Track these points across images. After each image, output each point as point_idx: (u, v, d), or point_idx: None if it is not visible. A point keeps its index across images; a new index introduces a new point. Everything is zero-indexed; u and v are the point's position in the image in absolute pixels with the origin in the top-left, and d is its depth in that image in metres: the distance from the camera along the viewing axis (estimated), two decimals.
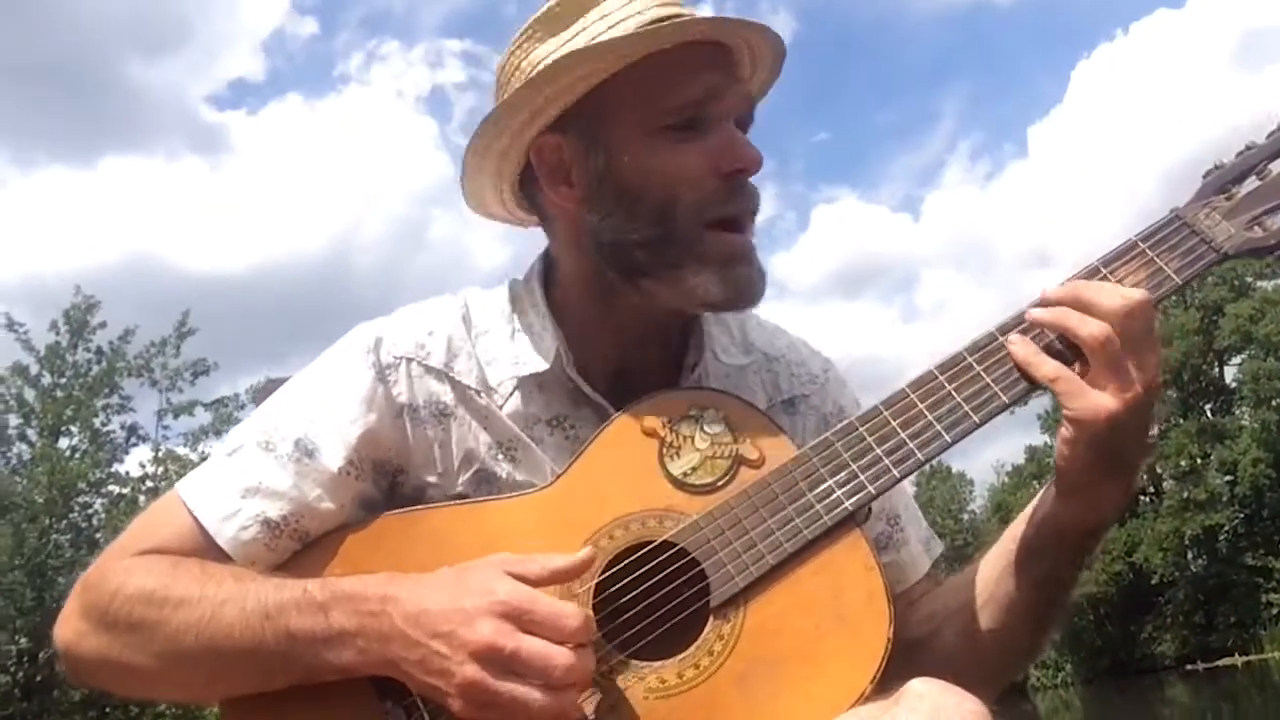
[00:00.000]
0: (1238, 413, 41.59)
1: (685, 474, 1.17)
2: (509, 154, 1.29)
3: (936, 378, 1.19)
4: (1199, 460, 39.88)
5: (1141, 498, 44.18)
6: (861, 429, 1.18)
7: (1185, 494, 39.35)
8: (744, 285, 1.23)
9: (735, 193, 1.22)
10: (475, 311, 1.33)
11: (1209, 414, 41.83)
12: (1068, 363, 1.14)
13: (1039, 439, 47.29)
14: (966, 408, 1.17)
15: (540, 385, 1.28)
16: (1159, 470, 41.90)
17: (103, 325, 17.27)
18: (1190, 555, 41.94)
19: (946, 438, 1.17)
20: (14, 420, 16.56)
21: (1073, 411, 1.11)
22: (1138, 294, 1.13)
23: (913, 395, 1.19)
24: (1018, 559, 1.24)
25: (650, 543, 1.14)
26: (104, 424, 16.98)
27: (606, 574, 1.12)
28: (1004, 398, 1.17)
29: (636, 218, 1.22)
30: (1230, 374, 42.94)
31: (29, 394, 16.58)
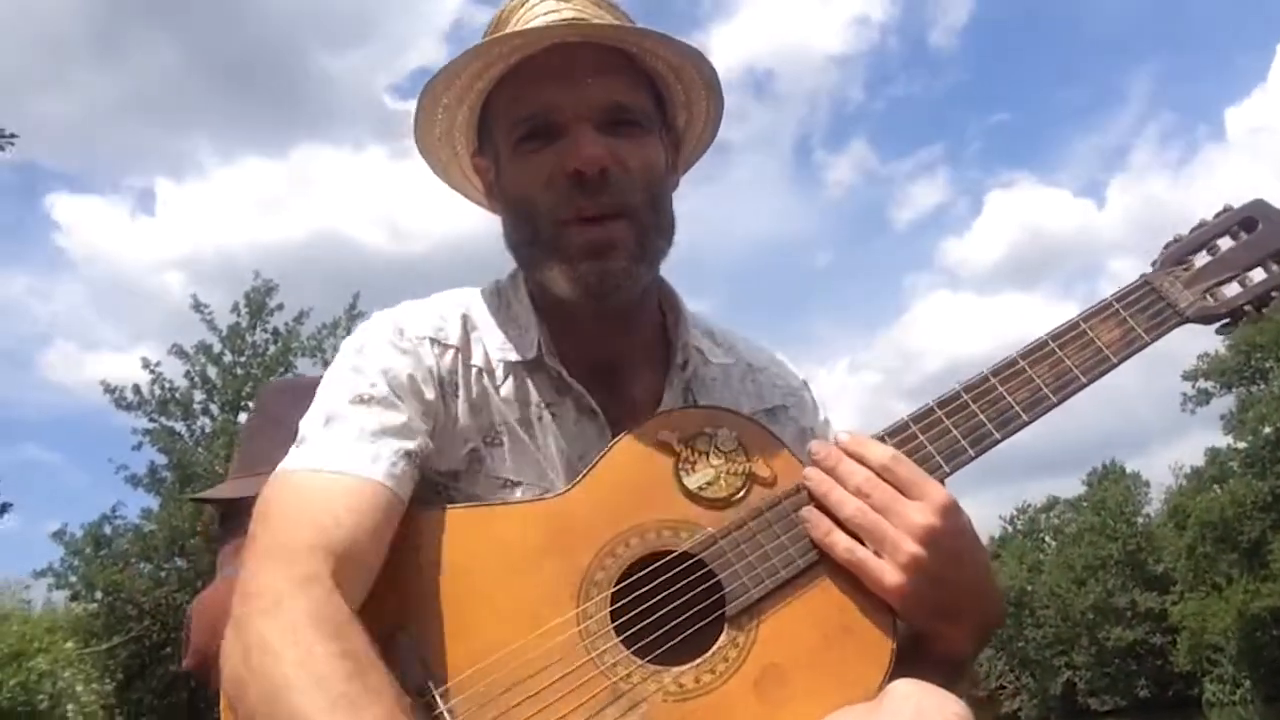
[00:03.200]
0: None
1: (701, 488, 1.22)
2: (469, 176, 1.44)
3: (936, 412, 1.28)
4: None
5: None
6: None
7: None
8: (593, 280, 1.26)
9: (587, 192, 1.25)
10: (471, 306, 1.39)
11: None
12: None
13: (1222, 440, 44.65)
14: (960, 439, 1.26)
15: (529, 372, 1.33)
16: None
17: (280, 307, 18.27)
18: None
19: (946, 468, 1.25)
20: (199, 395, 17.72)
21: (871, 589, 1.17)
22: (878, 456, 1.20)
23: (914, 427, 1.26)
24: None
25: (667, 553, 1.18)
26: None
27: (623, 582, 1.16)
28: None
29: (515, 223, 1.32)
30: None
31: (212, 371, 17.72)
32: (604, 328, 1.35)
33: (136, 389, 17.29)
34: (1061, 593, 49.53)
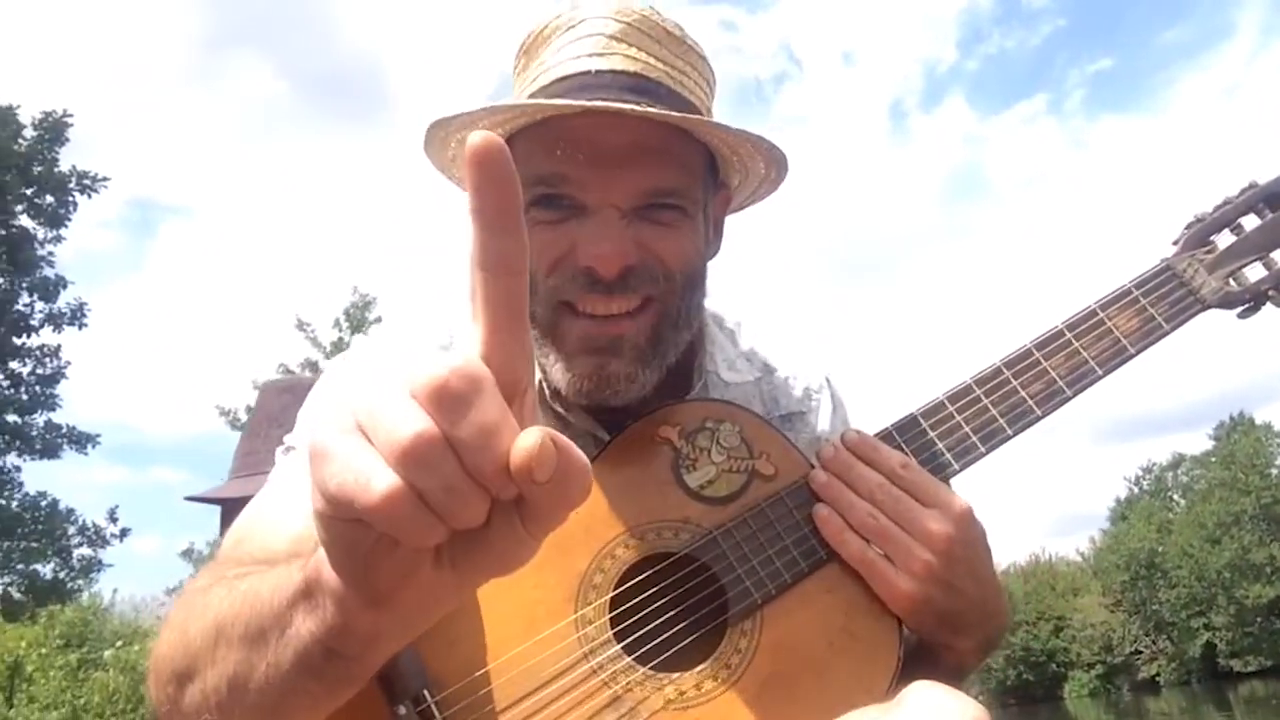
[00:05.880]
0: None
1: (702, 486, 1.18)
2: None
3: (946, 407, 1.24)
4: None
5: None
6: None
7: None
8: (588, 383, 1.17)
9: (598, 290, 1.13)
10: (456, 335, 1.30)
11: None
12: None
13: None
14: (971, 435, 1.23)
15: None
16: None
17: (379, 320, 18.70)
18: None
19: (955, 465, 1.22)
20: None
21: (879, 595, 1.13)
22: (890, 461, 1.16)
23: (924, 423, 1.24)
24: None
25: (667, 555, 1.15)
26: None
27: (622, 584, 1.13)
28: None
29: None
30: None
31: None
32: None
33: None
34: (1194, 552, 47.80)
